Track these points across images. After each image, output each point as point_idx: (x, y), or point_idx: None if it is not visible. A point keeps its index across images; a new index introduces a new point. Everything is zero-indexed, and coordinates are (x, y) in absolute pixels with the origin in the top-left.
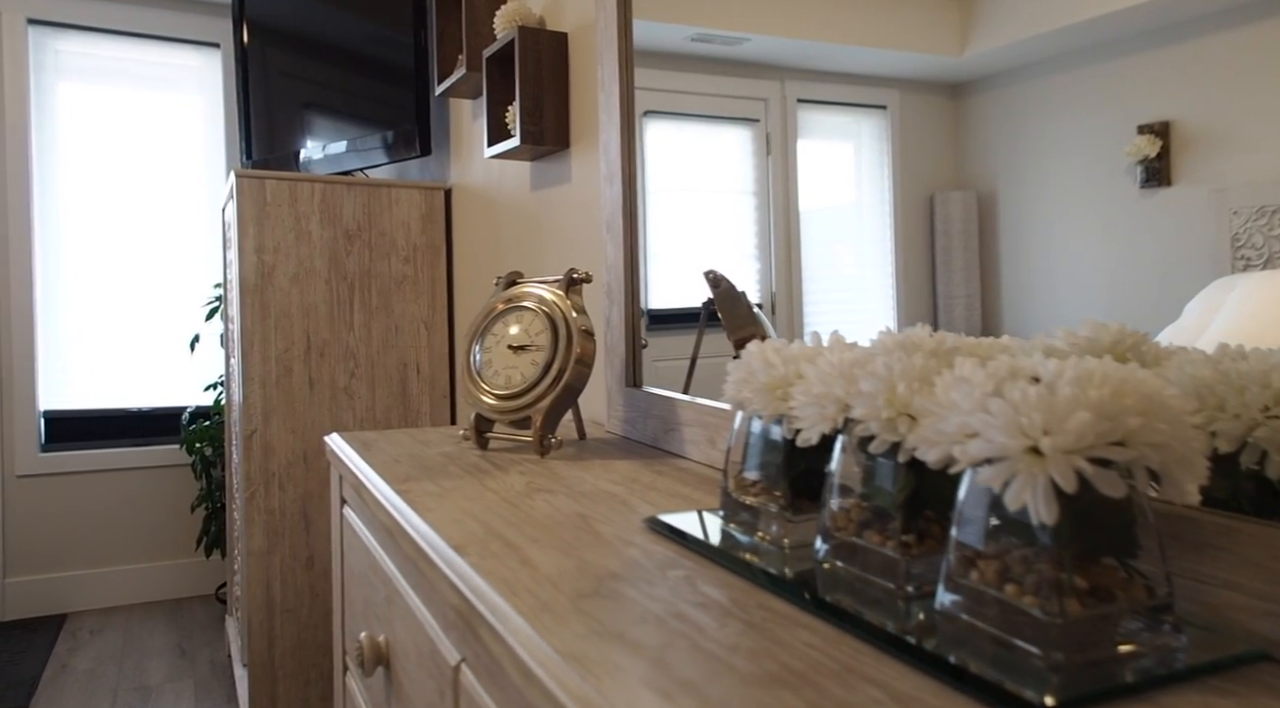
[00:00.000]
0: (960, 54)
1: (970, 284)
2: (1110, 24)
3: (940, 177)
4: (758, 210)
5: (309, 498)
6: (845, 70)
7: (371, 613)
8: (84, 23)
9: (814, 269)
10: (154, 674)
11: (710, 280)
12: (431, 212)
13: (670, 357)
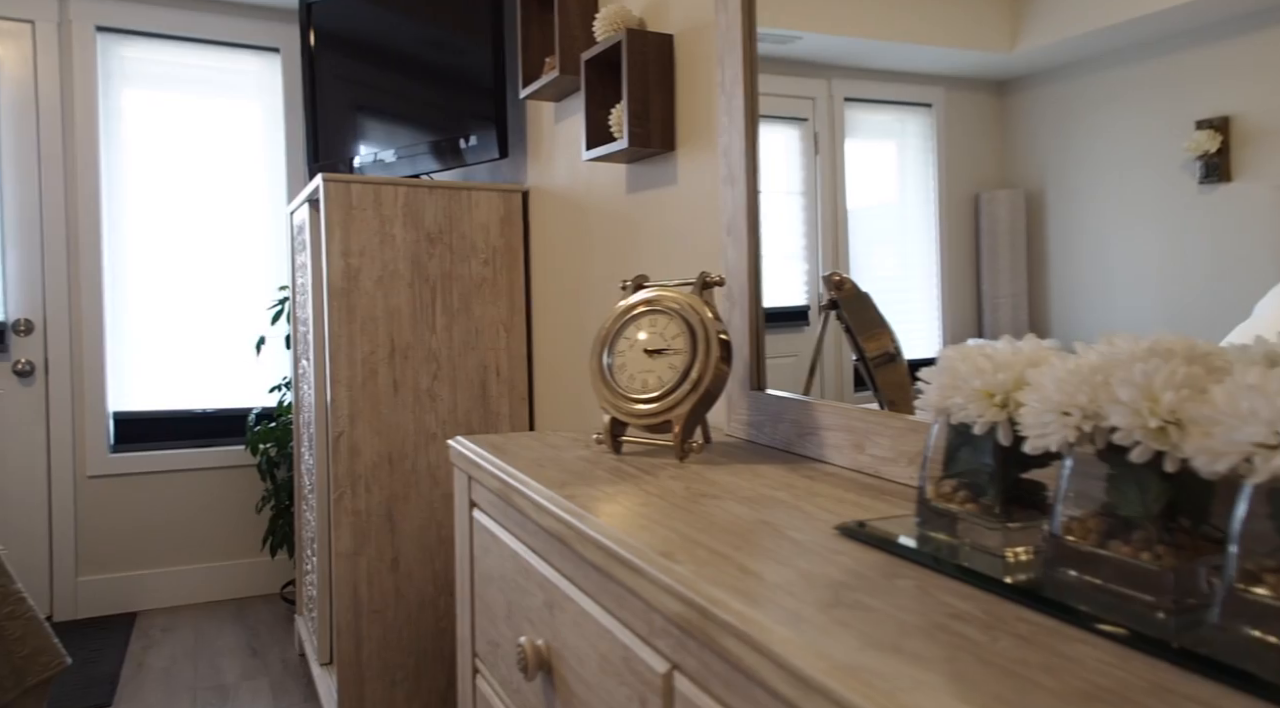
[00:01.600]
0: (1010, 50)
1: (1016, 284)
2: (1168, 19)
3: (986, 175)
4: (805, 210)
5: (394, 500)
6: (892, 68)
7: (522, 617)
8: (150, 29)
9: (858, 270)
10: (229, 673)
11: (833, 283)
12: (510, 214)
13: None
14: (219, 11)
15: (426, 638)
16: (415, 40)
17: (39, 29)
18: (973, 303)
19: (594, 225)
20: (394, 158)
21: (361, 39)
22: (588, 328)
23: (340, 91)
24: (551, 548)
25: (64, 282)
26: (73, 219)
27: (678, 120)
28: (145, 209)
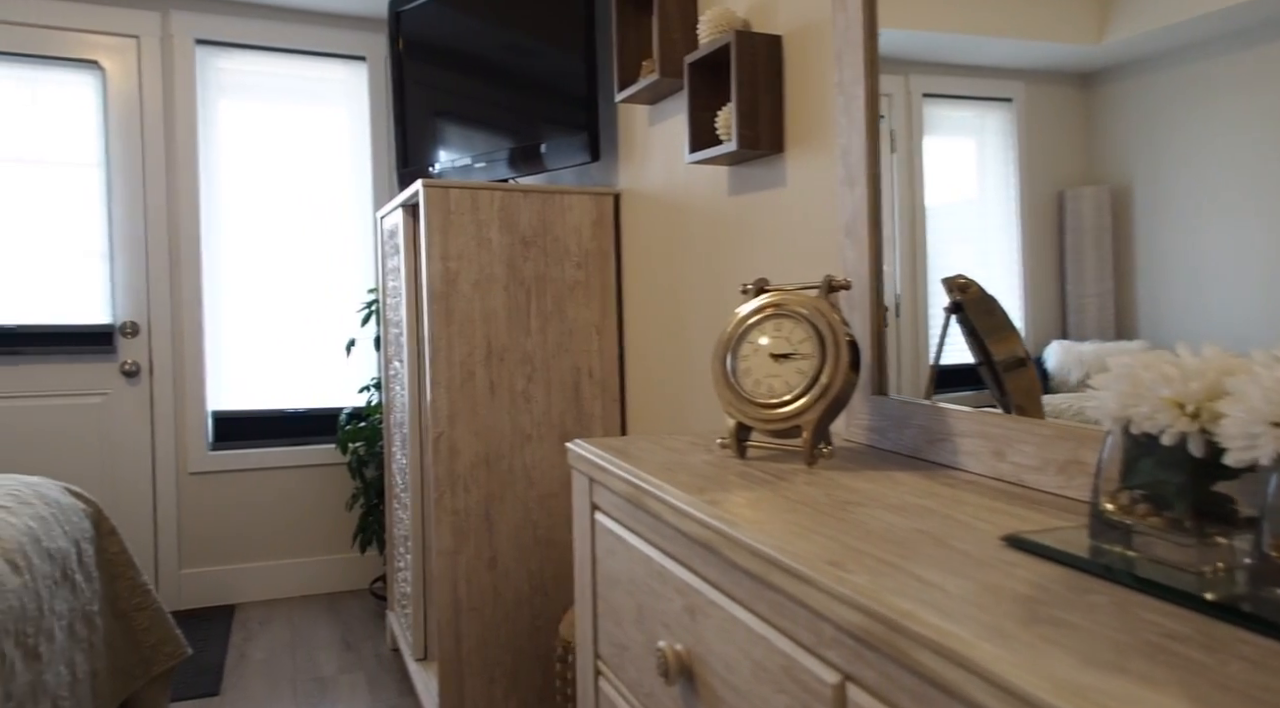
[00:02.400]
0: (1098, 41)
1: (1103, 284)
2: (1271, 4)
3: (1070, 171)
4: (882, 210)
5: (491, 500)
6: (972, 63)
7: (656, 621)
8: (244, 41)
9: (934, 270)
10: (326, 666)
11: (958, 286)
12: (601, 217)
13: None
14: (309, 22)
15: (523, 636)
16: (504, 47)
17: (144, 44)
18: (1056, 303)
19: (692, 227)
20: (481, 163)
21: (449, 46)
22: (685, 329)
23: (427, 98)
24: (693, 553)
25: (166, 286)
26: (174, 226)
27: (786, 121)
28: (239, 215)
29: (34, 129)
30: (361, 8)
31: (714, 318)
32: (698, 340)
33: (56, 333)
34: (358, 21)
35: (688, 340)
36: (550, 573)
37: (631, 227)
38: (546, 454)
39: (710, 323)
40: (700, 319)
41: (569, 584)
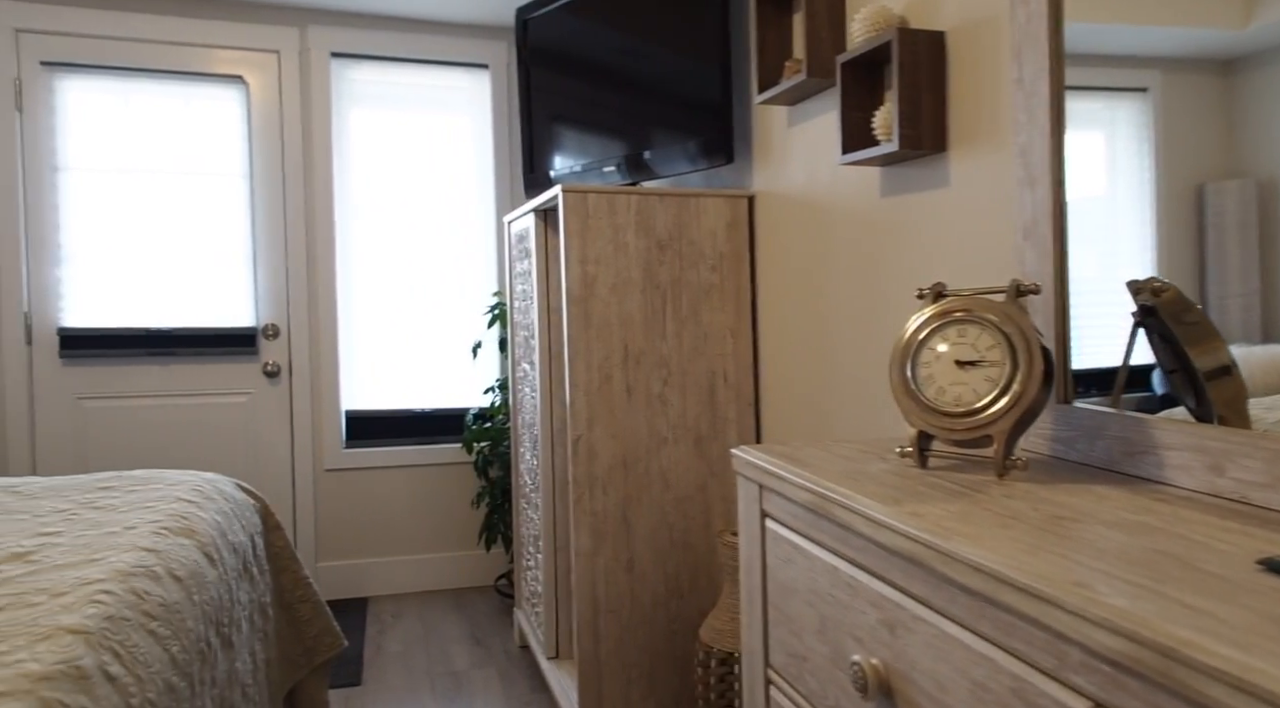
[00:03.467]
0: (1243, 26)
1: (1248, 282)
2: None
3: (1211, 165)
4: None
5: (628, 502)
6: (1102, 52)
7: (844, 634)
8: (375, 53)
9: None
10: (458, 661)
11: (1152, 289)
12: (736, 220)
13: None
14: (435, 32)
15: (660, 639)
16: (632, 52)
17: (283, 58)
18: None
19: (837, 229)
20: (609, 167)
21: (575, 53)
22: (829, 334)
23: (553, 104)
24: (891, 566)
25: (304, 290)
26: (311, 232)
27: (949, 120)
28: (370, 221)
29: (186, 142)
30: (485, 17)
31: (862, 323)
32: (843, 345)
33: (205, 335)
34: (481, 30)
35: (831, 345)
36: (686, 577)
37: (767, 229)
38: (682, 457)
39: (858, 328)
40: (846, 324)
41: (705, 588)
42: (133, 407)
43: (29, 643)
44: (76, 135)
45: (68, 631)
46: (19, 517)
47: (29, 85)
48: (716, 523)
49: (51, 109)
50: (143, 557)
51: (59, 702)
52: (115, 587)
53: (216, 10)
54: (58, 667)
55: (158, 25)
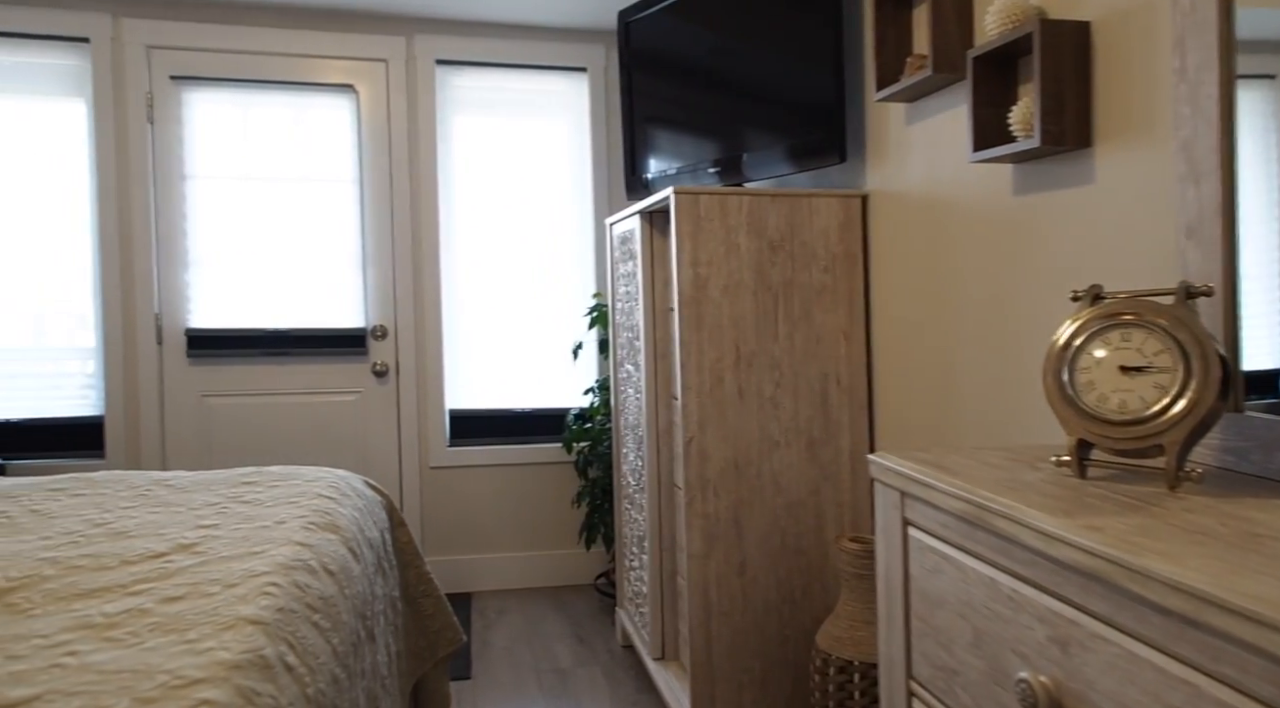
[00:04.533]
0: None
1: None
2: None
3: None
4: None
5: (740, 505)
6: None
7: (1005, 649)
8: (477, 59)
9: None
10: (563, 658)
11: None
12: (849, 220)
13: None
14: (535, 37)
15: (772, 644)
16: (736, 52)
17: (391, 67)
18: None
19: (961, 229)
20: (715, 168)
21: (679, 55)
22: (952, 337)
23: (656, 107)
24: (1066, 582)
25: (410, 292)
26: (417, 236)
27: (1094, 114)
28: (472, 225)
29: (301, 150)
30: (584, 21)
31: (989, 325)
32: (968, 348)
33: (318, 336)
34: (580, 34)
35: (954, 348)
36: (799, 582)
37: (882, 229)
38: (794, 461)
39: (984, 330)
40: (971, 326)
41: (818, 594)
42: (252, 404)
43: (215, 632)
44: (202, 145)
45: (248, 621)
46: (176, 509)
47: (159, 98)
48: (830, 528)
49: (179, 121)
50: (298, 551)
51: (252, 690)
52: (280, 580)
53: (329, 22)
54: (245, 656)
55: (275, 38)
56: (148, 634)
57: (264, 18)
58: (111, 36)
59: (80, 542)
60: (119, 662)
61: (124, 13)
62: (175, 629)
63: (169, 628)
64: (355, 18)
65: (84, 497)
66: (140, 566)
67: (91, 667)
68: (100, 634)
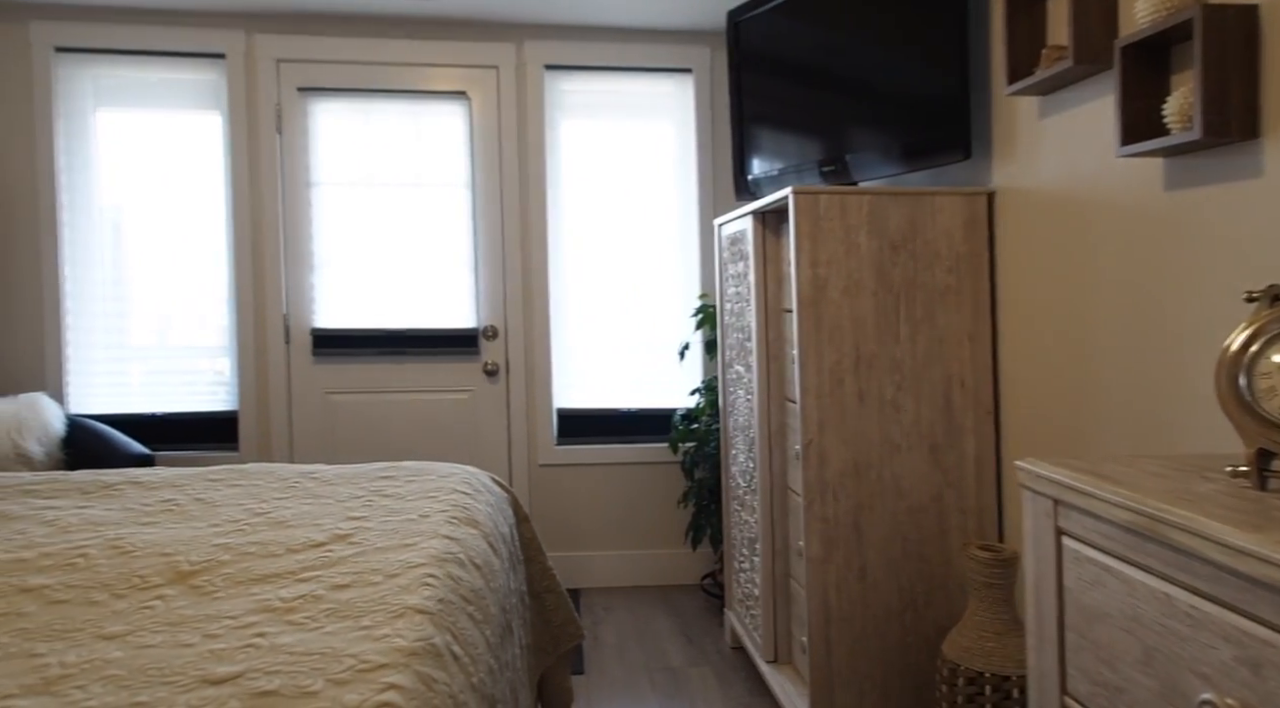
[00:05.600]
0: None
1: None
2: None
3: None
4: None
5: (860, 510)
6: None
7: (1181, 668)
8: (585, 63)
9: None
10: (673, 657)
11: None
12: (974, 219)
13: None
14: (641, 40)
15: (893, 651)
16: (849, 50)
17: (502, 73)
18: None
19: (1104, 226)
20: (830, 167)
21: (787, 54)
22: (1092, 340)
23: (767, 106)
24: (1259, 600)
25: (520, 293)
26: (526, 238)
27: (1262, 104)
28: (579, 227)
29: (416, 156)
30: (690, 22)
31: (1136, 326)
32: (1110, 351)
33: (433, 336)
34: (685, 36)
35: (1094, 351)
36: (921, 589)
37: (1010, 227)
38: (916, 465)
39: (1130, 332)
40: (1114, 327)
41: (942, 602)
42: (371, 401)
43: (387, 619)
44: (325, 153)
45: (415, 610)
46: (325, 501)
47: (287, 109)
48: (954, 535)
49: (305, 130)
50: (447, 544)
51: (429, 676)
52: (436, 571)
53: (444, 31)
54: (419, 644)
55: (393, 49)
56: (325, 619)
57: (383, 29)
58: (244, 52)
59: (246, 530)
60: (305, 644)
61: (256, 28)
62: (349, 616)
63: (343, 614)
64: (468, 26)
65: (240, 487)
66: (304, 554)
67: (281, 648)
68: (282, 618)
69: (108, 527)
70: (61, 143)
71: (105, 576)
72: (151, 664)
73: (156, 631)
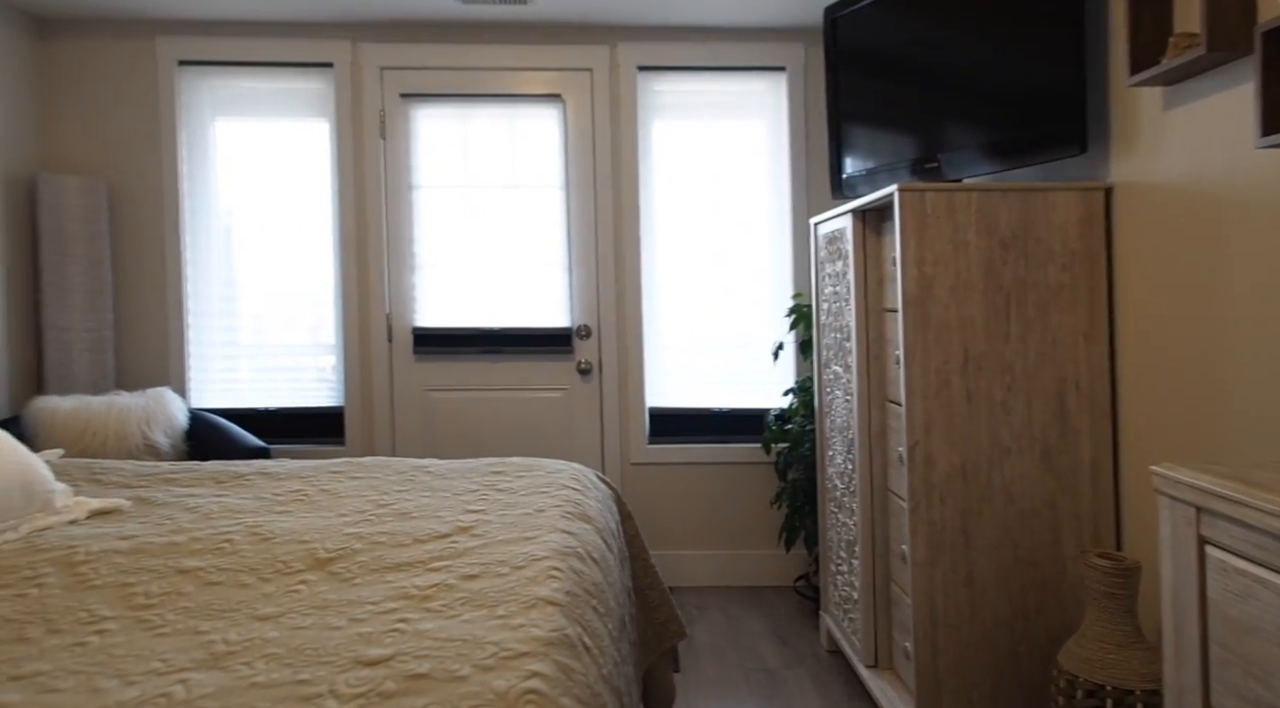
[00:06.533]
0: None
1: None
2: None
3: None
4: None
5: (967, 514)
6: None
7: None
8: (678, 63)
9: None
10: (769, 658)
11: None
12: (1090, 215)
13: None
14: (733, 39)
15: (1004, 660)
16: (953, 43)
17: (595, 75)
18: None
19: (1239, 220)
20: (932, 163)
21: (886, 49)
22: (1223, 340)
23: (861, 104)
24: None
25: (612, 293)
26: (619, 239)
27: None
28: (670, 227)
29: (512, 158)
30: (784, 19)
31: (1277, 328)
32: (1245, 354)
33: (528, 335)
34: (779, 33)
35: (1226, 352)
36: (1032, 596)
37: (1130, 223)
38: (1027, 470)
39: (1272, 334)
40: (1253, 327)
41: (1055, 611)
42: (468, 398)
43: (521, 610)
44: (426, 157)
45: (546, 602)
46: (443, 494)
47: (390, 115)
48: (1068, 542)
49: (407, 135)
50: (566, 539)
51: (568, 666)
52: (560, 565)
53: (538, 36)
54: (554, 634)
55: (490, 54)
56: (461, 608)
57: (481, 35)
58: (350, 61)
59: (372, 520)
60: (446, 631)
61: (362, 38)
62: (484, 605)
63: (477, 603)
64: (563, 30)
65: (360, 479)
66: (431, 545)
67: (425, 634)
68: (420, 605)
69: (245, 514)
70: (184, 152)
71: (251, 560)
72: (307, 645)
73: (305, 614)
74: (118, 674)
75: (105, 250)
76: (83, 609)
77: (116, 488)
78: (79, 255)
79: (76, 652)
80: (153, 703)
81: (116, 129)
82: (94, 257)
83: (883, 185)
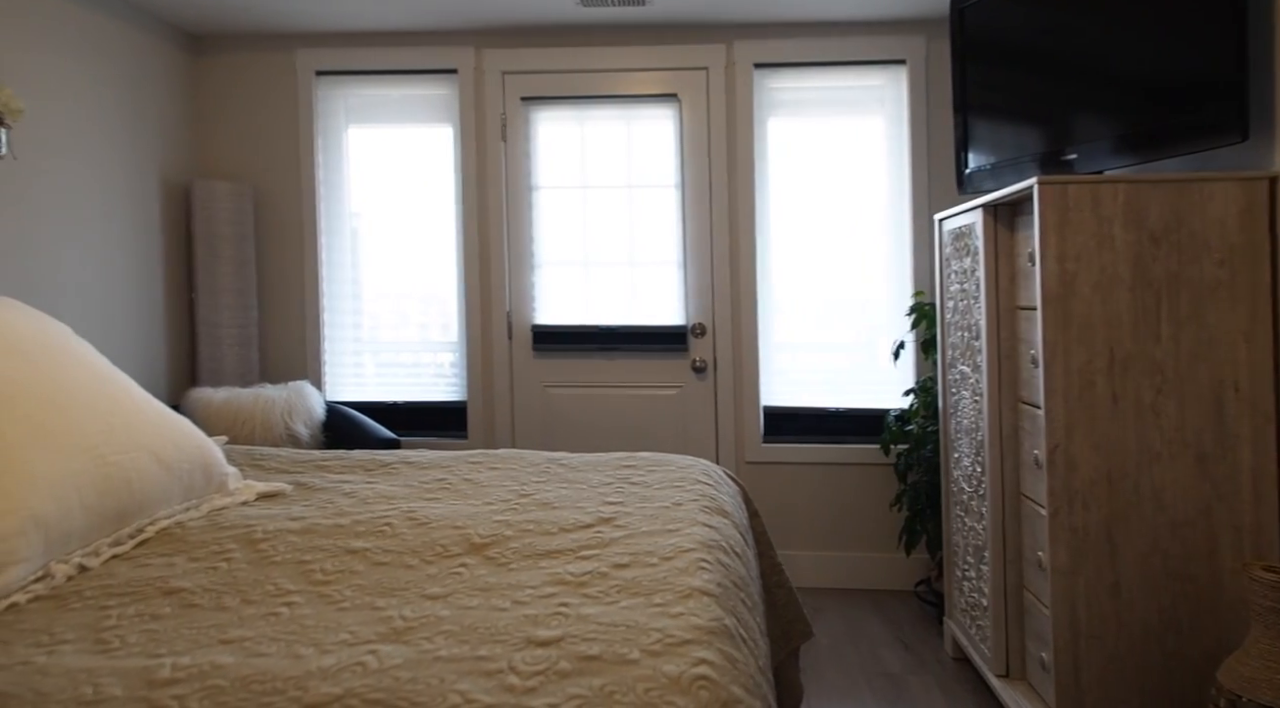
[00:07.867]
0: None
1: None
2: None
3: None
4: None
5: (1113, 521)
6: None
7: None
8: (793, 60)
9: None
10: (891, 664)
11: None
12: (1252, 206)
13: None
14: (851, 33)
15: (1153, 675)
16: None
17: (711, 74)
18: None
19: None
20: (1072, 155)
21: (1017, 39)
22: None
23: (989, 95)
24: None
25: (727, 291)
26: (734, 237)
27: None
28: (786, 225)
29: (628, 158)
30: (903, 11)
31: None
32: None
33: (644, 333)
34: (899, 26)
35: None
36: (1185, 609)
37: None
38: (1180, 476)
39: None
40: None
41: (1210, 625)
42: (586, 394)
43: (678, 599)
44: (545, 158)
45: (701, 592)
46: (579, 486)
47: (511, 119)
48: (1226, 554)
49: (527, 137)
50: (707, 532)
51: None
52: (708, 557)
53: (654, 36)
54: (714, 623)
55: (607, 56)
56: (618, 595)
57: (598, 37)
58: (474, 66)
59: (517, 509)
60: (608, 616)
61: (484, 44)
62: (640, 593)
63: (633, 591)
64: (678, 29)
65: (499, 470)
66: (576, 534)
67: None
68: (577, 591)
69: (398, 500)
70: (320, 157)
71: (411, 543)
72: (478, 624)
73: (471, 595)
74: (313, 643)
75: (251, 252)
76: (269, 583)
77: (276, 473)
78: (228, 256)
79: (271, 621)
80: (350, 671)
81: (261, 137)
82: (241, 258)
83: (1008, 181)
